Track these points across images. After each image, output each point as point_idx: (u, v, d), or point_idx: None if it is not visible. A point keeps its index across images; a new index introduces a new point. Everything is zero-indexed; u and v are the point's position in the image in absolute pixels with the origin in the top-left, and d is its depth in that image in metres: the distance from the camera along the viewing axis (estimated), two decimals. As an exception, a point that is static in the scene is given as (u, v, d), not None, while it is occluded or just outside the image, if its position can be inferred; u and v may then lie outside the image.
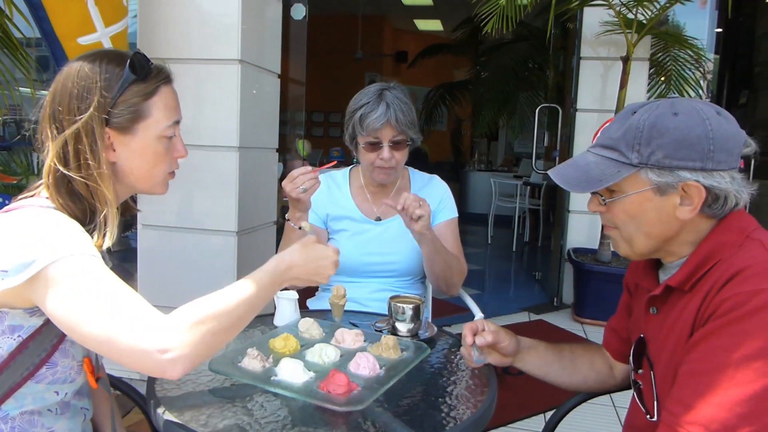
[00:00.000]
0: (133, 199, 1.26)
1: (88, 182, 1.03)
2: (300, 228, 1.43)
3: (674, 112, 0.99)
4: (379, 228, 1.93)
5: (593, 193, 1.10)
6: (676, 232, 1.04)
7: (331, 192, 1.96)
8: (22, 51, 2.79)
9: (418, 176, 2.05)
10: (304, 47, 4.24)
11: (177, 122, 1.13)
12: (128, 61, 1.05)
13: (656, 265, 1.17)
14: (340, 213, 1.94)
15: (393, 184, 1.97)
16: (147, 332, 0.88)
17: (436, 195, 1.97)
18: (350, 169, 2.05)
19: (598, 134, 1.13)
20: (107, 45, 2.40)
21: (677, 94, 4.32)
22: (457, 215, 1.99)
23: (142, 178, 1.12)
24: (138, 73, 1.06)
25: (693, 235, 1.05)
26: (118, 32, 2.44)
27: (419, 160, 1.96)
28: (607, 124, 1.10)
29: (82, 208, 1.03)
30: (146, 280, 2.92)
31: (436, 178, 2.06)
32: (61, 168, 1.02)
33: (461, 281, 1.90)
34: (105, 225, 1.03)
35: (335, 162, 1.76)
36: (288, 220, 1.72)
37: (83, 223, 1.02)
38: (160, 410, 1.07)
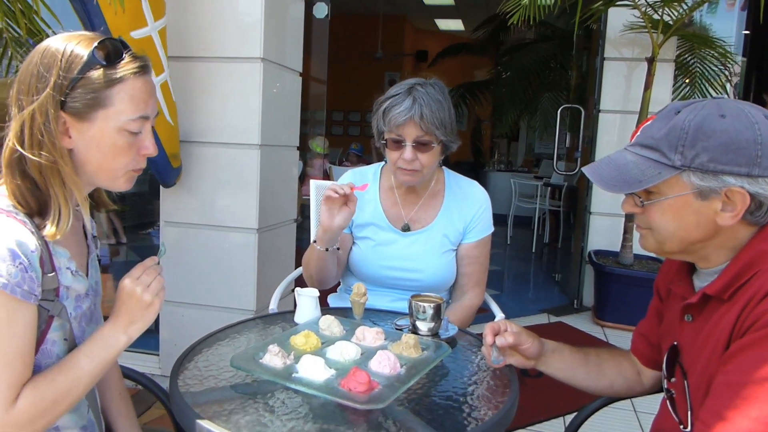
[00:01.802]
0: (111, 195, 1.21)
1: (41, 166, 0.98)
2: None
3: (721, 114, 0.95)
4: (405, 240, 1.81)
5: (629, 194, 1.06)
6: (711, 236, 1.01)
7: (359, 193, 1.84)
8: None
9: (454, 180, 1.89)
10: (325, 46, 4.26)
11: (145, 118, 1.05)
12: (95, 43, 0.99)
13: (690, 270, 1.14)
14: (366, 219, 1.83)
15: (424, 188, 1.84)
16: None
17: (471, 207, 1.82)
18: (382, 167, 1.92)
19: (638, 132, 1.08)
20: (156, 39, 2.41)
21: (701, 96, 4.25)
22: (492, 230, 1.85)
23: (99, 171, 1.05)
24: (106, 58, 0.99)
25: (731, 242, 1.01)
26: (162, 27, 2.46)
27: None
28: (648, 123, 1.06)
29: (37, 194, 0.99)
30: (167, 277, 2.91)
31: (476, 185, 1.89)
32: (19, 148, 0.98)
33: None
34: (59, 213, 0.99)
35: (367, 185, 1.67)
36: (314, 241, 1.69)
37: (36, 213, 0.99)
38: (204, 423, 1.03)
